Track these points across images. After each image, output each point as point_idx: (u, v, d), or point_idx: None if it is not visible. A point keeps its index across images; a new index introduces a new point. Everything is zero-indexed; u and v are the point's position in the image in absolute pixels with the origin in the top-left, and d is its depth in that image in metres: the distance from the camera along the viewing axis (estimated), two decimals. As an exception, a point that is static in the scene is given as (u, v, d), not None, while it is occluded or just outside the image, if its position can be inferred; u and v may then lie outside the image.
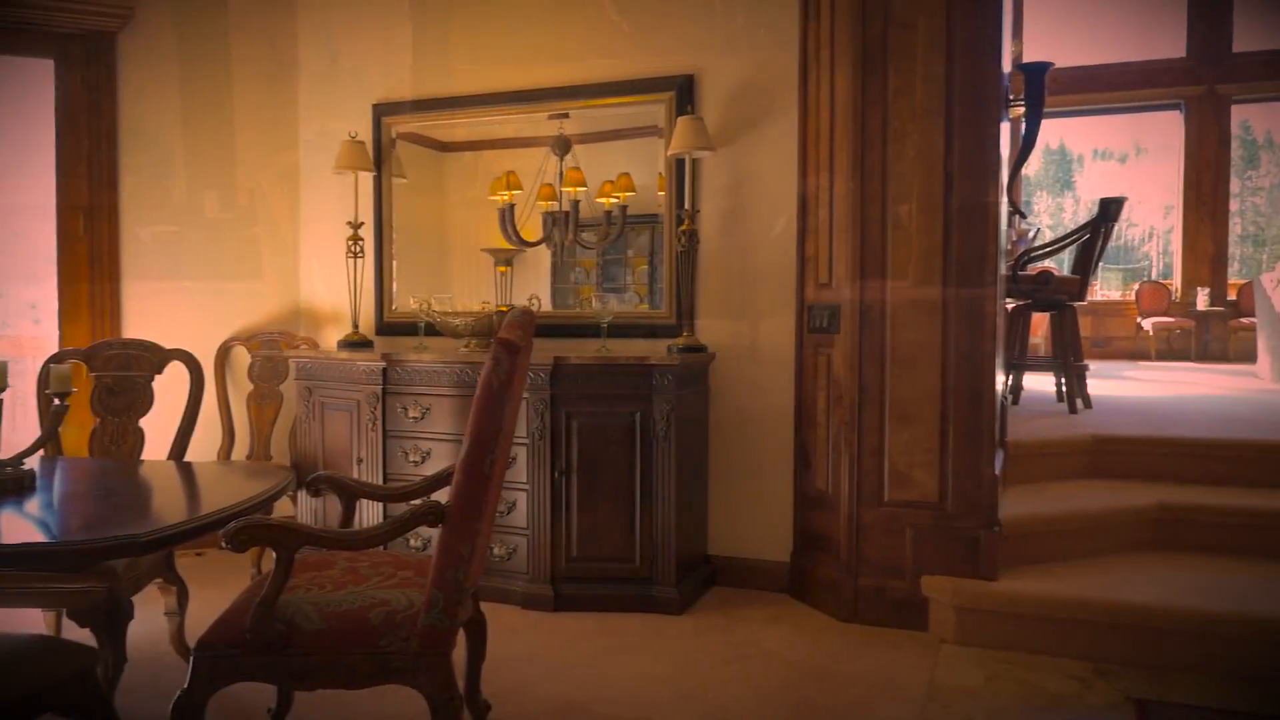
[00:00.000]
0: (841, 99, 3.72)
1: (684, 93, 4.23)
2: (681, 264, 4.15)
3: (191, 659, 2.15)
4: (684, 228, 4.09)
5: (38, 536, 2.27)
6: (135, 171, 4.73)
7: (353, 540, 2.25)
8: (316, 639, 2.16)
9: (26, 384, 4.14)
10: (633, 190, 4.37)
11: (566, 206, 4.45)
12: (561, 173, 4.47)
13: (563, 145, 4.46)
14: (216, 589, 4.02)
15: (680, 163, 4.21)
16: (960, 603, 3.43)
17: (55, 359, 3.51)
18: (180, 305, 4.80)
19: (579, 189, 4.44)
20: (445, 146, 4.93)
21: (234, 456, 4.75)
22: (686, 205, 4.18)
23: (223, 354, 4.83)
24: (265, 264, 5.03)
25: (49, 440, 2.81)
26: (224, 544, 2.06)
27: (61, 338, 4.62)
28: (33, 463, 2.70)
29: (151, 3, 4.71)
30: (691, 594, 3.95)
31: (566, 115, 4.48)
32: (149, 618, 3.35)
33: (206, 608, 3.63)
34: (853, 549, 3.68)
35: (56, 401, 2.68)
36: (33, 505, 2.42)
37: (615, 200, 4.38)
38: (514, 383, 2.23)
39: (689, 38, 4.25)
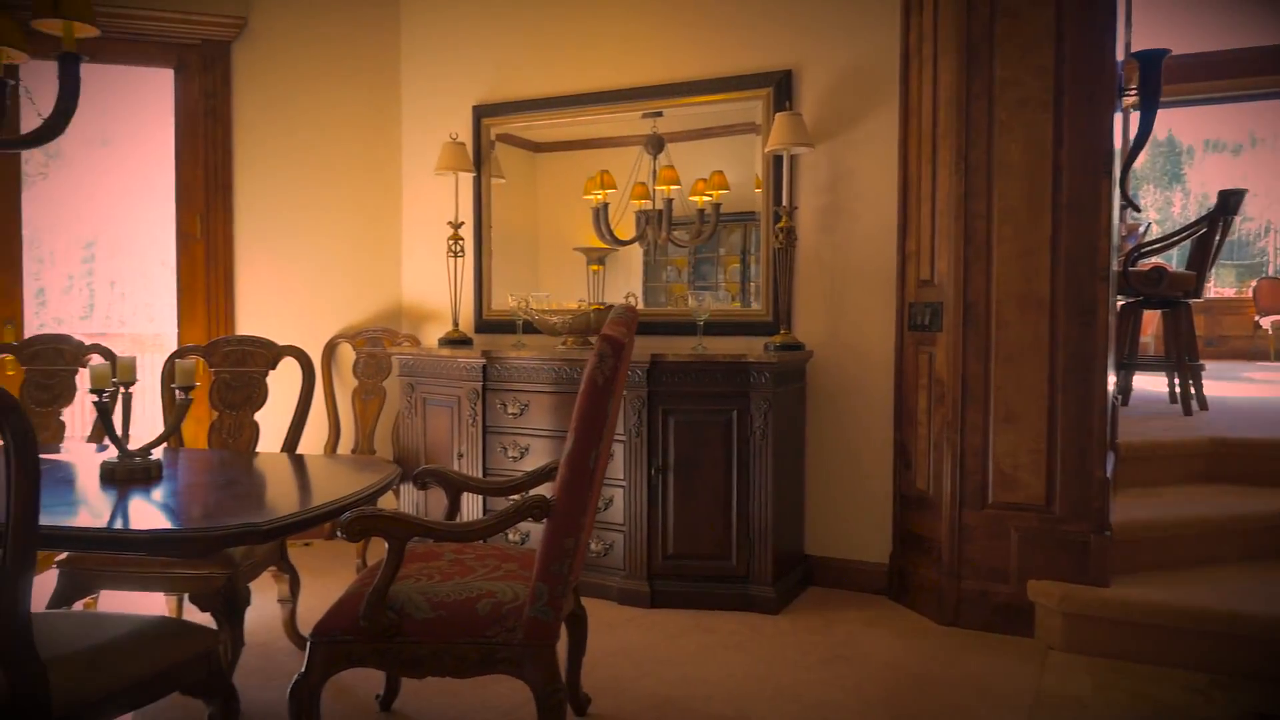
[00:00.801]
0: (945, 91, 3.64)
1: (782, 88, 4.19)
2: (778, 261, 4.12)
3: (308, 645, 2.23)
4: (782, 225, 4.05)
5: (165, 523, 2.38)
6: (248, 175, 4.92)
7: (463, 532, 2.30)
8: (426, 628, 2.21)
9: (145, 379, 4.33)
10: (726, 188, 4.35)
11: (660, 205, 4.46)
12: (655, 171, 4.49)
13: (656, 144, 4.47)
14: (325, 578, 4.16)
15: (778, 159, 4.17)
16: (1069, 609, 3.32)
17: (178, 354, 3.67)
18: (289, 303, 4.97)
19: (672, 187, 4.45)
20: (539, 147, 4.99)
21: (339, 450, 4.91)
22: (784, 202, 4.14)
23: (329, 351, 4.99)
24: (369, 263, 5.18)
25: (173, 432, 2.93)
26: (339, 533, 2.13)
27: (180, 334, 4.83)
28: (158, 454, 2.84)
29: (263, 13, 4.89)
30: (788, 593, 3.92)
31: (660, 114, 4.49)
32: (262, 604, 3.48)
33: (315, 596, 3.77)
34: (955, 551, 3.60)
35: (180, 395, 2.80)
36: (158, 494, 2.53)
37: (708, 198, 4.38)
38: (617, 379, 2.25)
39: (787, 32, 4.21)
